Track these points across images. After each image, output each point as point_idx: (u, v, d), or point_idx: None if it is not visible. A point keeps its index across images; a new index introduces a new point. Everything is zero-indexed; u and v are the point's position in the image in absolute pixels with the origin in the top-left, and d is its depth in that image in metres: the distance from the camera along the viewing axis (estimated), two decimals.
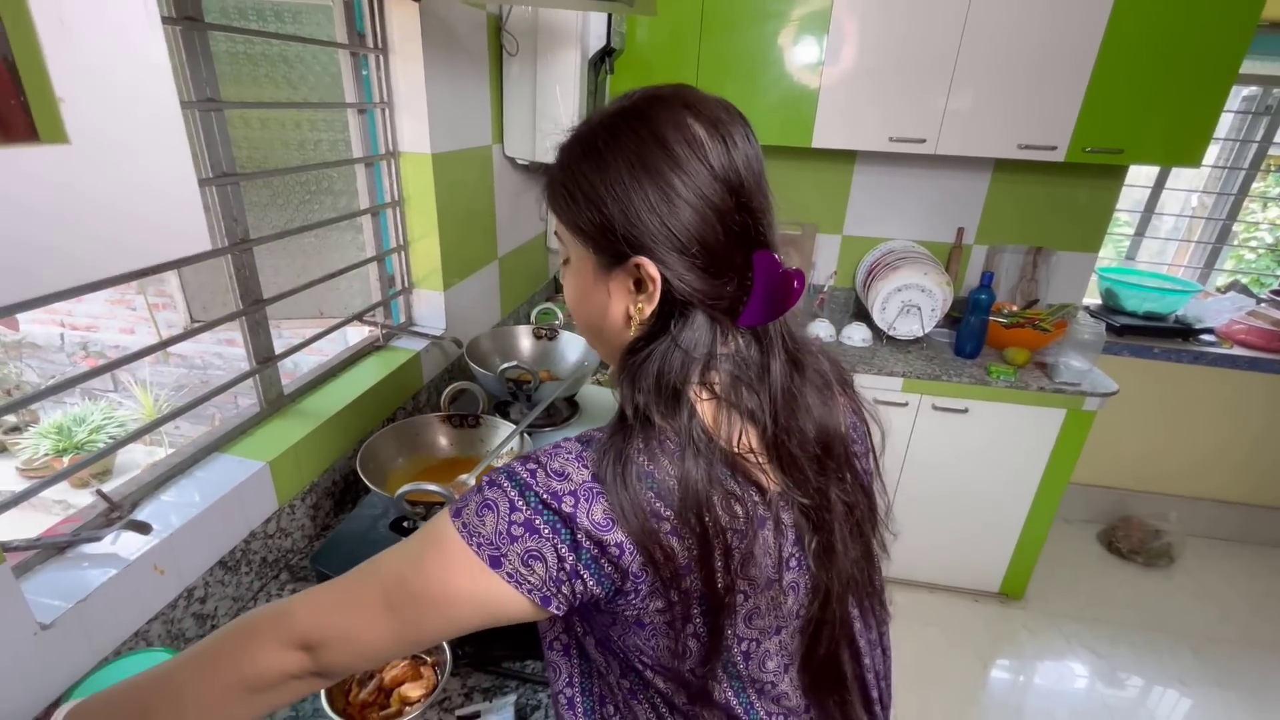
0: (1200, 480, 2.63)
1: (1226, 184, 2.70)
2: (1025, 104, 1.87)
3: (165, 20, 0.83)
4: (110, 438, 3.13)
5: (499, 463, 1.04)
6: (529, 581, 0.48)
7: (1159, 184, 2.66)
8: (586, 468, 0.49)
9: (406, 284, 1.44)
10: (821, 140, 1.97)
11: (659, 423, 0.51)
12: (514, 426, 1.04)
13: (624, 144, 0.51)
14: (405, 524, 0.93)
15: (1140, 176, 2.75)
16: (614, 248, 0.52)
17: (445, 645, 0.80)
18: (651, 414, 0.51)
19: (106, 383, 4.05)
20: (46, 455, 2.95)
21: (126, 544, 0.77)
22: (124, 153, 0.33)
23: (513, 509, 0.48)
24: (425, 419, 1.06)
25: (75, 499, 2.83)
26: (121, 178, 0.34)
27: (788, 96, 1.93)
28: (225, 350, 3.77)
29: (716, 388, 0.53)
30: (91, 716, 0.53)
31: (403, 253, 1.41)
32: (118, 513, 0.80)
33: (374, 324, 1.37)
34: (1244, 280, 2.81)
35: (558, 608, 0.49)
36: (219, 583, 0.88)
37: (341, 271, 1.20)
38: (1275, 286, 2.70)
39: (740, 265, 0.52)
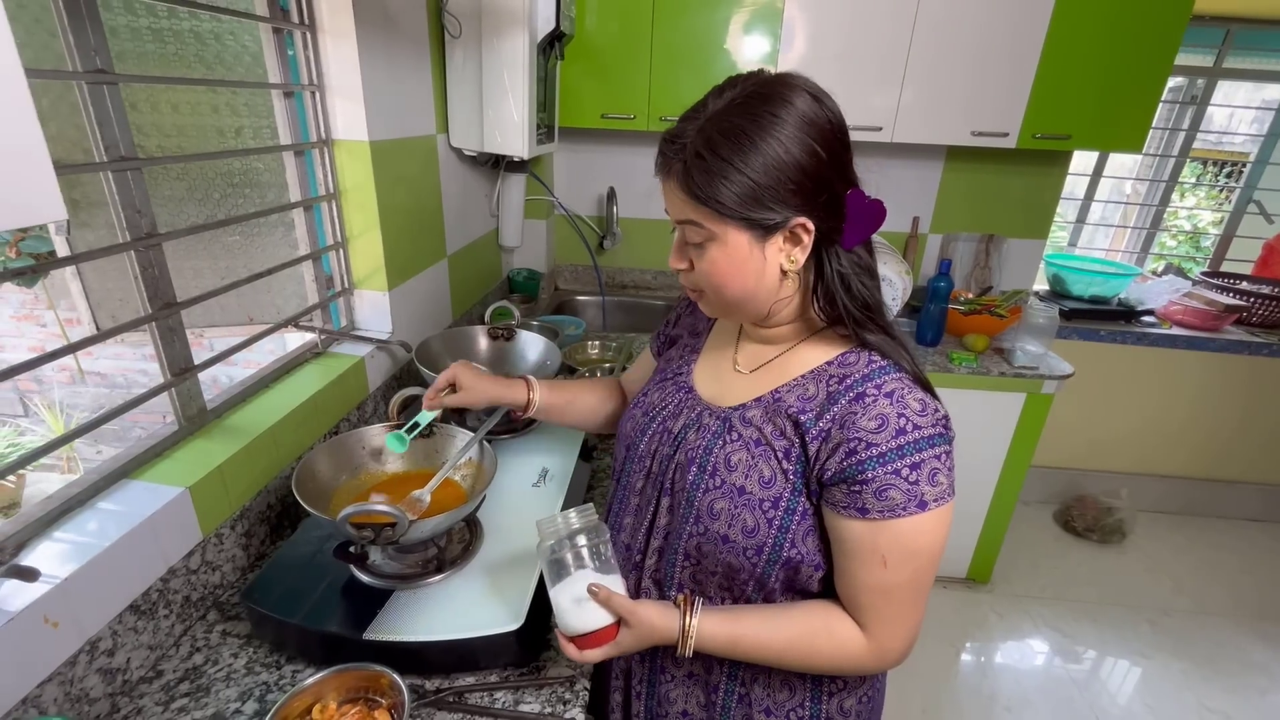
0: (1148, 457, 2.73)
1: (1158, 171, 2.81)
2: (977, 92, 1.88)
3: None
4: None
5: (456, 475, 0.95)
6: None
7: (1097, 172, 2.75)
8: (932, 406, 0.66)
9: (346, 284, 1.32)
10: None
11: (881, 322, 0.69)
12: (471, 434, 0.95)
13: (766, 123, 0.59)
14: (351, 548, 0.82)
15: (1077, 165, 2.84)
16: (772, 217, 0.61)
17: (402, 685, 0.71)
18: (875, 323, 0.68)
19: (16, 407, 3.71)
20: None
21: (8, 595, 0.65)
22: None
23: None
24: (370, 430, 0.96)
25: None
26: None
27: None
28: (150, 367, 3.50)
29: None
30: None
31: (341, 250, 1.29)
32: None
33: (311, 329, 1.25)
34: (1177, 263, 2.93)
35: None
36: (130, 630, 0.76)
37: (271, 271, 1.08)
38: (1205, 268, 2.83)
39: (840, 200, 0.63)
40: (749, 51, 1.87)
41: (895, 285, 2.07)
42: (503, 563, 0.88)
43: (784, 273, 0.66)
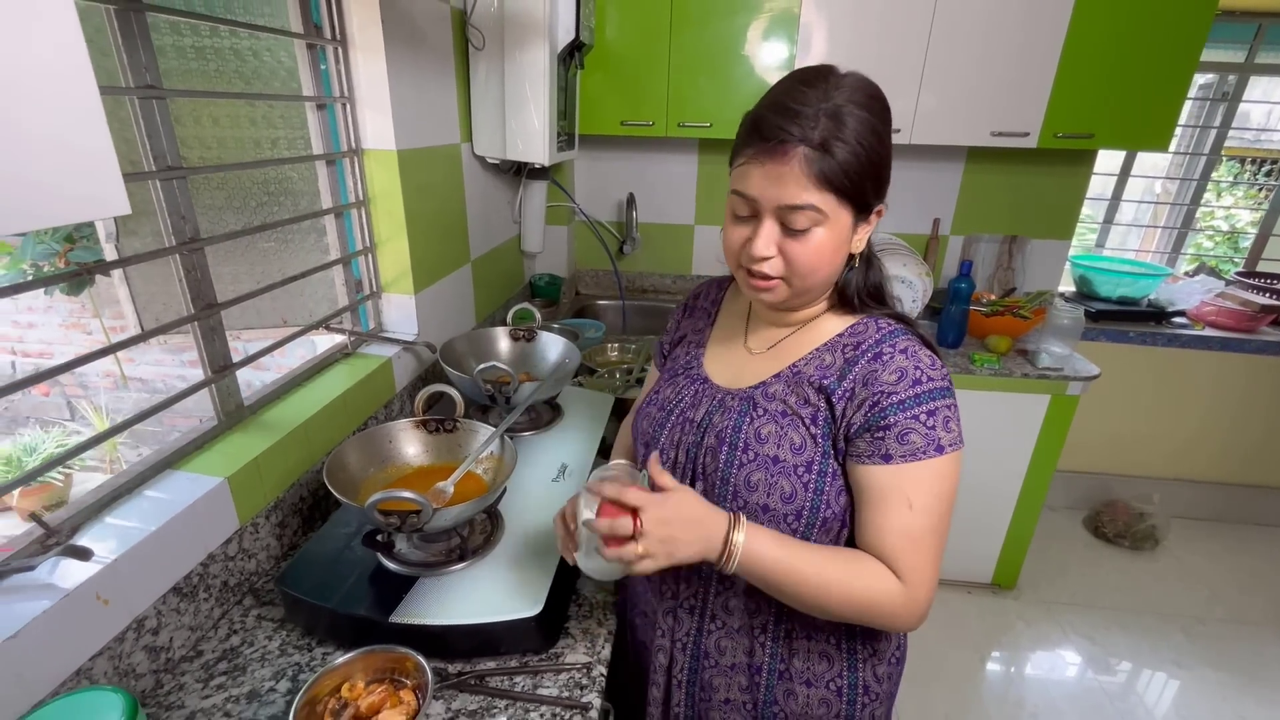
0: (1181, 461, 2.66)
1: (1189, 169, 2.75)
2: (997, 91, 1.88)
3: None
4: (65, 467, 2.98)
5: (478, 468, 0.98)
6: None
7: (1125, 171, 2.71)
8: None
9: (375, 288, 1.38)
10: None
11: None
12: (493, 429, 0.98)
13: (880, 120, 0.67)
14: (379, 537, 0.86)
15: (1104, 165, 2.80)
16: (871, 202, 0.69)
17: (426, 666, 0.74)
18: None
19: (64, 411, 3.87)
20: None
21: (65, 573, 0.69)
22: (33, 123, 0.30)
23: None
24: (397, 425, 1.00)
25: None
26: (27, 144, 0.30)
27: (760, 90, 1.91)
28: (189, 372, 3.63)
29: None
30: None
31: (370, 255, 1.35)
32: (55, 539, 0.73)
33: (341, 330, 1.30)
34: (1213, 264, 2.86)
35: None
36: (174, 611, 0.81)
37: (303, 275, 1.14)
38: (1240, 267, 2.76)
39: None
40: (766, 57, 1.89)
41: (915, 287, 2.07)
42: (523, 552, 0.91)
43: (850, 254, 0.73)
